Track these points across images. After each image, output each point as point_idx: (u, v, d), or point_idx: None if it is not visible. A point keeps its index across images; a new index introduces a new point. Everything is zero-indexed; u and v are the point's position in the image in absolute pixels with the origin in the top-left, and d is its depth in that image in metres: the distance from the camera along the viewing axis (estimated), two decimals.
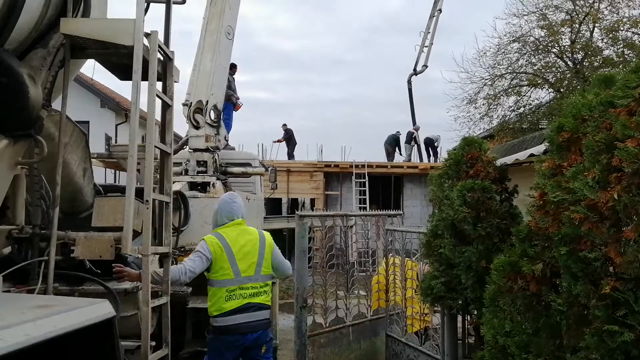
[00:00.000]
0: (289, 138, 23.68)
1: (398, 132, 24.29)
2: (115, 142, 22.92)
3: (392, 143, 23.70)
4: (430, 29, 24.55)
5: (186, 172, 11.42)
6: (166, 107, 3.32)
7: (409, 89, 25.15)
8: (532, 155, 4.28)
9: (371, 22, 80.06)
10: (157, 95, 3.06)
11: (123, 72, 3.09)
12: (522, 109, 27.48)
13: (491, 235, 3.77)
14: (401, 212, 7.81)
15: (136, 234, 3.02)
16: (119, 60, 3.14)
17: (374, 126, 58.57)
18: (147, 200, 2.82)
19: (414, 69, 24.89)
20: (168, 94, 3.25)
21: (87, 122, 23.89)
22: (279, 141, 23.64)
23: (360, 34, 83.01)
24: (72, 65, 3.36)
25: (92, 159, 4.35)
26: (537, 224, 2.69)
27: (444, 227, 4.07)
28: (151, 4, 3.86)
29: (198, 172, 11.39)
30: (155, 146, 3.07)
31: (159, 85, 3.32)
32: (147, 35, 2.92)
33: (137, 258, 2.96)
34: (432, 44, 24.53)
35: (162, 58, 3.25)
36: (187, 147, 11.87)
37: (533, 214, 2.78)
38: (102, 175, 20.79)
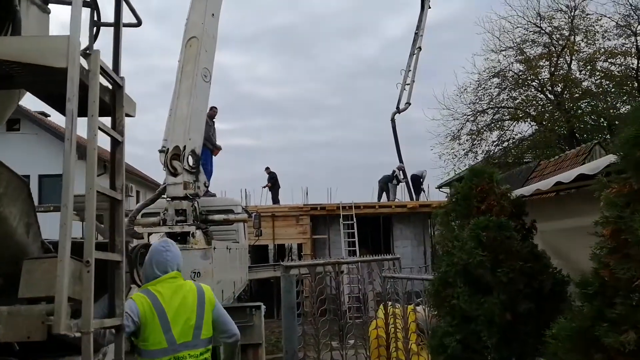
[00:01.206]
0: (274, 182, 23.12)
1: (393, 171, 23.86)
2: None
3: (386, 182, 23.28)
4: (411, 66, 24.50)
5: (164, 222, 10.76)
6: (116, 145, 2.70)
7: (393, 127, 24.88)
8: (559, 183, 3.68)
9: (350, 68, 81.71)
10: (102, 129, 2.45)
11: (63, 103, 2.47)
12: (505, 143, 27.47)
13: (515, 282, 3.16)
14: (398, 256, 7.18)
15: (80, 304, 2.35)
16: (57, 89, 2.54)
17: (359, 168, 58.54)
18: (87, 261, 2.18)
19: (397, 107, 24.71)
20: (118, 128, 2.64)
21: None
22: (267, 186, 23.08)
23: (339, 79, 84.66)
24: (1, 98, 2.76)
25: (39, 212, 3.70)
26: (613, 274, 2.05)
27: (455, 274, 3.44)
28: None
29: (177, 222, 10.73)
30: (100, 192, 2.43)
31: (108, 119, 2.73)
32: (86, 55, 2.37)
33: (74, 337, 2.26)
34: (413, 81, 24.43)
35: (110, 86, 2.67)
36: (165, 195, 11.31)
37: (605, 259, 2.13)
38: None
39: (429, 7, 25.11)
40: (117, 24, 2.86)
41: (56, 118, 29.56)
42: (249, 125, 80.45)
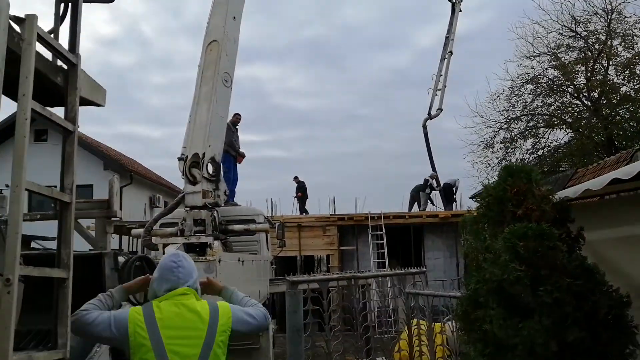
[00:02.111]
0: (303, 192, 22.64)
1: (426, 180, 23.15)
2: (120, 207, 21.95)
3: (415, 193, 22.57)
4: (442, 71, 23.88)
5: (182, 232, 10.36)
6: (66, 135, 2.23)
7: (425, 134, 24.18)
8: (616, 181, 3.03)
9: (382, 78, 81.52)
10: (42, 114, 1.97)
11: None
12: (540, 151, 26.51)
13: (561, 303, 2.56)
14: (424, 268, 6.58)
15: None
16: None
17: (390, 178, 57.88)
18: (7, 280, 1.68)
19: (429, 113, 24.06)
20: (70, 115, 2.16)
21: (91, 186, 23.16)
22: (298, 196, 22.63)
23: (371, 90, 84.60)
24: None
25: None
26: None
27: (487, 292, 2.85)
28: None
29: (195, 232, 10.33)
30: (30, 190, 1.95)
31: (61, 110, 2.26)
32: (17, 20, 1.90)
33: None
34: (445, 86, 23.81)
35: (63, 65, 2.20)
36: (184, 204, 10.92)
37: None
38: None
39: (460, 11, 24.50)
40: None
41: (85, 129, 29.72)
42: (280, 136, 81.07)
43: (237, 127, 13.33)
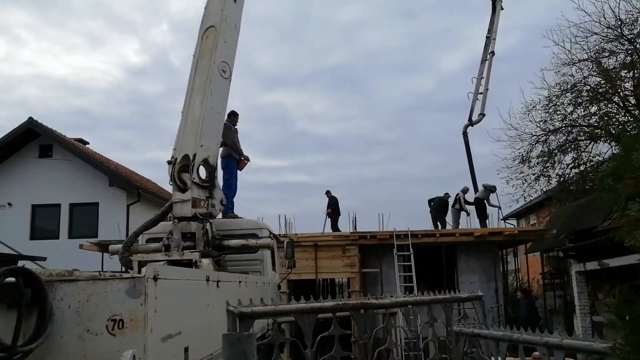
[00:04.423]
0: (335, 207, 20.81)
1: (446, 194, 21.07)
2: (127, 226, 20.42)
3: (439, 209, 20.42)
4: (483, 74, 22.32)
5: (167, 248, 8.58)
6: None
7: (466, 142, 22.45)
8: None
9: (405, 103, 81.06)
10: None
11: None
12: (582, 166, 24.22)
13: None
14: (480, 293, 4.61)
15: None
16: None
17: (416, 203, 56.16)
18: None
19: (469, 119, 22.41)
20: None
21: (97, 204, 21.71)
22: (328, 212, 20.88)
23: (395, 115, 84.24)
24: None
25: None
26: None
27: None
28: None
29: (185, 248, 8.55)
30: None
31: None
32: None
33: None
34: (487, 89, 22.33)
35: None
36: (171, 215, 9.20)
37: None
38: (97, 258, 18.18)
39: (502, 9, 22.85)
40: None
41: (94, 145, 28.52)
42: (305, 161, 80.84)
43: (235, 127, 11.59)
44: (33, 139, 22.22)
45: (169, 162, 9.19)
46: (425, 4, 77.53)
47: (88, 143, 25.95)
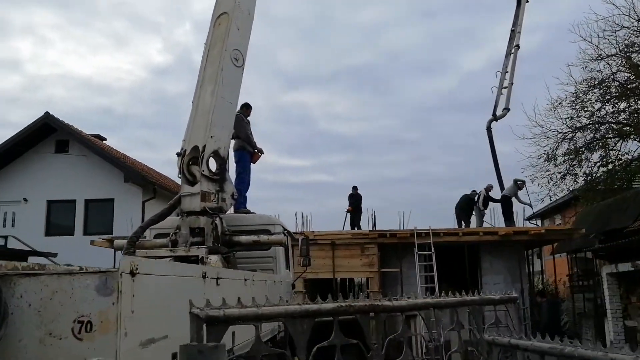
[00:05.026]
0: (357, 205, 20.23)
1: (473, 191, 20.37)
2: (142, 220, 20.08)
3: (463, 206, 19.73)
4: (508, 67, 21.77)
5: (174, 244, 8.13)
6: None
7: (490, 137, 21.87)
8: None
9: (426, 102, 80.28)
10: None
11: None
12: (610, 164, 23.34)
13: None
14: (515, 294, 4.04)
15: None
16: None
17: (438, 203, 55.37)
18: None
19: (494, 114, 21.82)
20: None
21: (112, 200, 21.44)
22: (349, 210, 20.30)
23: (417, 114, 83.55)
24: None
25: None
26: None
27: None
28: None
29: (193, 244, 8.09)
30: None
31: None
32: None
33: None
34: (512, 83, 21.80)
35: None
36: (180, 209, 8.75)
37: None
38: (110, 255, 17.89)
39: (527, 1, 22.13)
40: None
41: (118, 144, 28.38)
42: (325, 161, 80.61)
43: (248, 119, 11.13)
44: (49, 135, 22.02)
45: (178, 154, 8.75)
46: (445, 4, 76.65)
47: (105, 139, 25.73)
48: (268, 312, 2.67)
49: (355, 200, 20.32)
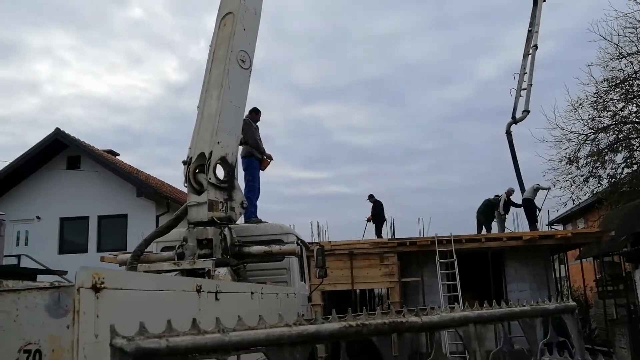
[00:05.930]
0: (378, 213, 19.64)
1: (496, 196, 19.71)
2: None
3: (485, 211, 19.07)
4: (526, 68, 21.26)
5: (181, 257, 7.66)
6: None
7: (509, 140, 21.26)
8: None
9: (443, 112, 79.93)
10: None
11: None
12: (635, 165, 22.53)
13: None
14: (573, 303, 3.47)
15: None
16: None
17: (458, 213, 54.45)
18: None
19: (513, 117, 21.25)
20: None
21: (125, 215, 21.10)
22: (369, 219, 19.78)
23: (434, 124, 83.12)
24: None
25: None
26: None
27: None
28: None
29: (201, 256, 7.61)
30: None
31: None
32: None
33: None
34: (531, 85, 21.24)
35: None
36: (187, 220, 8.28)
37: None
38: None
39: (544, 1, 21.57)
40: None
41: (128, 159, 28.14)
42: (343, 173, 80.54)
43: (257, 124, 10.68)
44: (61, 151, 21.79)
45: (184, 162, 8.30)
46: (459, 13, 76.26)
47: (118, 154, 25.49)
48: (238, 340, 1.84)
49: (375, 208, 19.75)
